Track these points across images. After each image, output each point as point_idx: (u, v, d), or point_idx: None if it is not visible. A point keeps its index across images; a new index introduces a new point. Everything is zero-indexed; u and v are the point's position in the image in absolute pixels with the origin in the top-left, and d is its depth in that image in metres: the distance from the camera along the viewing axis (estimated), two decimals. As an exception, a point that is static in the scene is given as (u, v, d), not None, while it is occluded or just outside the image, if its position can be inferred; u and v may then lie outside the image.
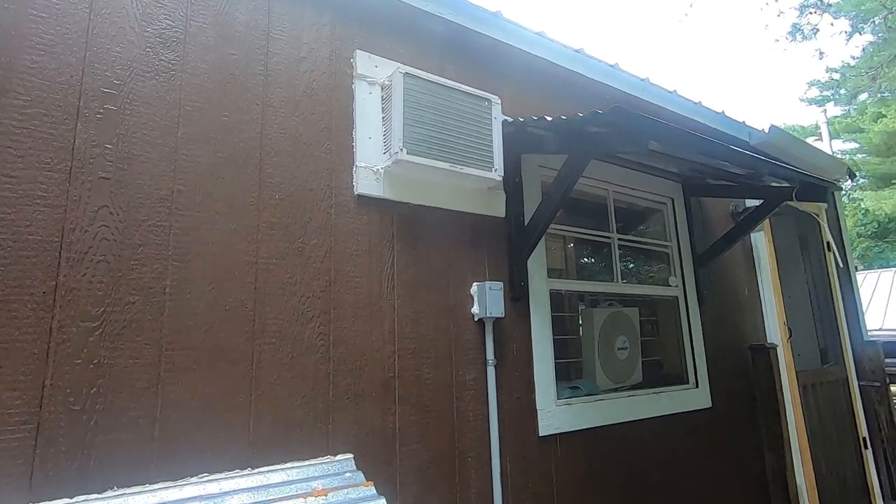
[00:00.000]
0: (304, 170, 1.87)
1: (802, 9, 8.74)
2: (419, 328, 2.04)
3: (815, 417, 3.70)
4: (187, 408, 1.52)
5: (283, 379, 1.69)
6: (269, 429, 1.64)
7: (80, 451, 1.35)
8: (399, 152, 1.92)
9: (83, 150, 1.48)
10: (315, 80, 1.97)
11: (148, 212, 1.55)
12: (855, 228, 19.83)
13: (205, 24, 1.75)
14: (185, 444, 1.50)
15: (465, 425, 2.07)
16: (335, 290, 1.86)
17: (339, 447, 1.76)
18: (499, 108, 2.23)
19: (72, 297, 1.40)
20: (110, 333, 1.43)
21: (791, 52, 41.75)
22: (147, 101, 1.60)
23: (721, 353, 3.30)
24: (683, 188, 3.36)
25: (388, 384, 1.91)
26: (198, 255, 1.61)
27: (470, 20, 2.42)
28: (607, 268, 3.03)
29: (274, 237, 1.77)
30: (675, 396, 2.91)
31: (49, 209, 1.41)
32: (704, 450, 3.02)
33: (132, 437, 1.43)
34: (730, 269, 3.58)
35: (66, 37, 1.50)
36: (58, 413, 1.34)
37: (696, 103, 3.46)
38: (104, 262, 1.46)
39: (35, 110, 1.43)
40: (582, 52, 2.84)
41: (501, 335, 2.26)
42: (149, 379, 1.47)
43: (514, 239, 2.37)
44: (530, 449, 2.24)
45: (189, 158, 1.65)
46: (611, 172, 2.93)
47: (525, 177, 2.49)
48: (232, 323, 1.64)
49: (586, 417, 2.44)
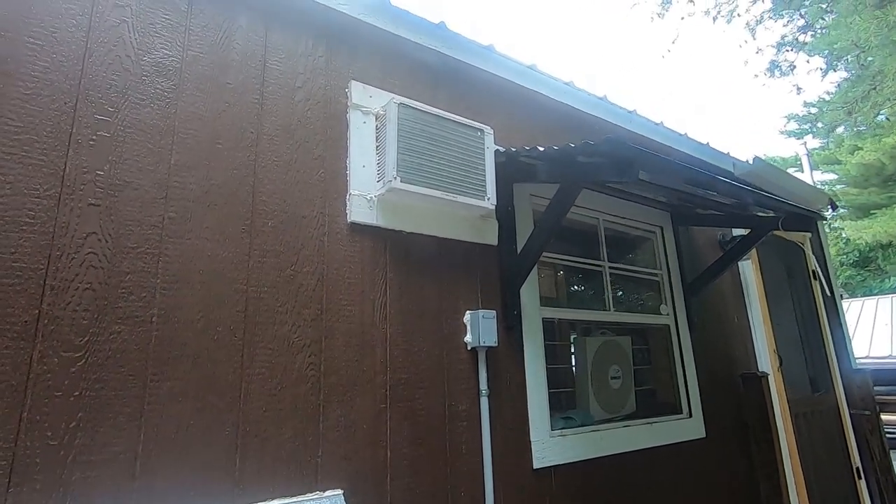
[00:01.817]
0: (297, 197, 1.87)
1: (780, 46, 9.12)
2: (412, 357, 2.00)
3: (807, 446, 3.68)
4: (171, 442, 1.46)
5: (271, 411, 1.64)
6: (256, 464, 1.58)
7: (55, 489, 1.29)
8: (393, 180, 1.93)
9: (73, 177, 1.46)
10: (310, 109, 1.98)
11: (137, 239, 1.52)
12: (837, 257, 20.21)
13: (201, 53, 1.77)
14: (167, 481, 1.43)
15: (457, 458, 2.02)
16: (327, 319, 1.83)
17: (329, 482, 1.70)
18: (491, 138, 2.27)
19: (55, 327, 1.36)
20: (93, 364, 1.39)
21: (770, 87, 43.34)
22: (141, 129, 1.60)
23: (713, 382, 3.29)
24: (672, 217, 3.40)
25: (379, 415, 1.86)
26: (187, 283, 1.58)
27: (463, 53, 2.48)
28: (599, 296, 3.04)
29: (266, 265, 1.74)
30: (669, 427, 2.88)
31: (36, 236, 1.38)
32: (699, 480, 2.97)
33: (112, 473, 1.36)
34: (719, 298, 3.60)
35: (62, 64, 1.50)
36: (34, 448, 1.28)
37: (681, 134, 3.55)
38: (90, 289, 1.42)
39: (27, 136, 1.41)
40: (571, 84, 2.91)
41: (495, 364, 2.23)
42: (131, 412, 1.42)
43: (507, 267, 2.37)
44: (525, 482, 2.19)
45: (181, 185, 1.64)
46: (601, 201, 2.96)
47: (517, 205, 2.51)
48: (220, 353, 1.59)
49: (581, 449, 2.40)
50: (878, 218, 17.58)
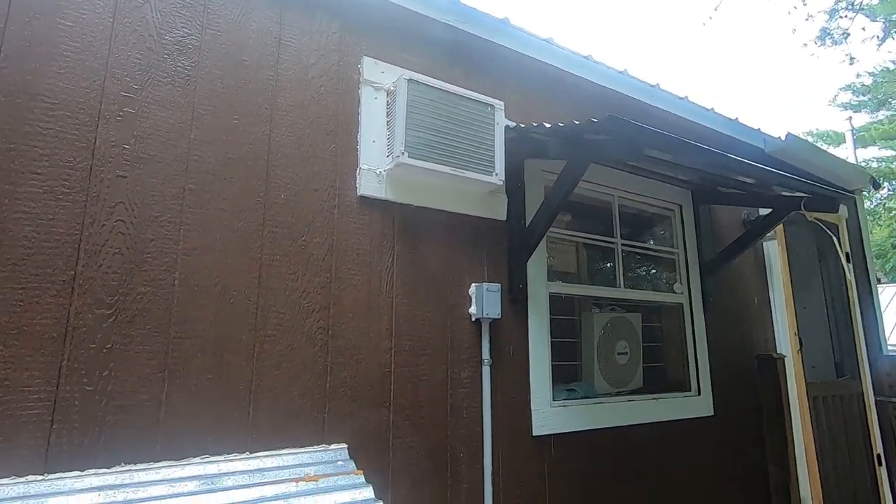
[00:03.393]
0: (309, 171, 1.96)
1: (832, 13, 8.50)
2: (416, 326, 2.11)
3: (825, 431, 3.63)
4: (191, 393, 1.62)
5: (282, 369, 1.78)
6: (268, 416, 1.73)
7: (91, 428, 1.47)
8: (401, 156, 2.00)
9: (103, 150, 1.59)
10: (323, 86, 2.06)
11: (160, 208, 1.66)
12: (890, 239, 19.08)
13: (219, 31, 1.86)
14: (188, 428, 1.60)
15: (458, 422, 2.13)
16: (336, 287, 1.94)
17: (335, 437, 1.84)
18: (502, 114, 2.29)
19: (88, 286, 1.51)
20: (122, 321, 1.55)
21: (820, 58, 40.27)
22: (163, 105, 1.71)
23: (726, 362, 3.28)
24: (693, 195, 3.34)
25: (384, 378, 1.99)
26: (206, 251, 1.71)
27: (477, 27, 2.48)
28: (610, 273, 3.05)
29: (278, 235, 1.86)
30: (675, 403, 2.91)
31: (70, 204, 1.52)
32: (704, 458, 3.01)
33: (140, 418, 1.54)
34: (739, 278, 3.55)
35: (91, 44, 1.62)
36: (73, 392, 1.45)
37: (707, 109, 3.44)
38: (119, 254, 1.57)
39: (61, 112, 1.55)
40: (590, 58, 2.87)
41: (498, 336, 2.31)
42: (156, 365, 1.58)
43: (515, 242, 2.42)
44: (523, 448, 2.29)
45: (200, 159, 1.75)
46: (617, 178, 2.94)
47: (528, 181, 2.54)
48: (236, 315, 1.73)
49: (582, 419, 2.47)
50: (938, 198, 16.43)
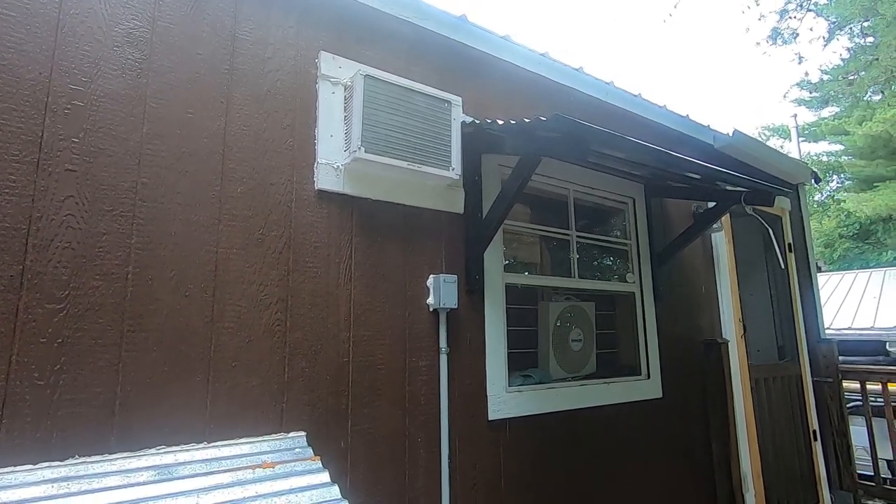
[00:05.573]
0: (265, 165, 1.98)
1: (783, 13, 8.90)
2: (375, 316, 2.16)
3: (766, 410, 3.89)
4: (147, 386, 1.64)
5: (239, 361, 1.82)
6: (225, 407, 1.77)
7: (44, 422, 1.47)
8: (357, 150, 2.04)
9: (50, 144, 1.58)
10: (280, 80, 2.07)
11: (112, 202, 1.65)
12: (837, 230, 20.20)
13: (171, 24, 1.85)
14: (143, 420, 1.62)
15: (416, 409, 2.21)
16: (293, 280, 1.98)
17: (293, 426, 1.89)
18: (459, 110, 2.35)
19: (38, 281, 1.51)
20: (74, 315, 1.55)
21: (772, 56, 42.12)
22: (113, 98, 1.70)
23: (675, 347, 3.46)
24: (645, 189, 3.49)
25: (342, 368, 2.04)
26: (160, 244, 1.72)
27: (435, 24, 2.52)
28: (565, 263, 3.17)
29: (235, 228, 1.88)
30: (626, 386, 3.07)
31: (17, 198, 1.51)
32: (653, 438, 3.19)
33: (94, 411, 1.55)
34: (689, 268, 3.73)
35: (36, 35, 1.59)
36: (23, 387, 1.45)
37: (660, 107, 3.59)
38: (69, 248, 1.57)
39: (5, 105, 1.52)
40: (546, 55, 2.95)
41: (456, 325, 2.39)
42: (110, 358, 1.59)
43: (472, 234, 2.50)
44: (480, 432, 2.39)
45: (154, 152, 1.75)
46: (573, 172, 3.05)
47: (485, 174, 2.61)
48: (192, 308, 1.75)
49: (536, 404, 2.59)
50: (881, 191, 17.47)
